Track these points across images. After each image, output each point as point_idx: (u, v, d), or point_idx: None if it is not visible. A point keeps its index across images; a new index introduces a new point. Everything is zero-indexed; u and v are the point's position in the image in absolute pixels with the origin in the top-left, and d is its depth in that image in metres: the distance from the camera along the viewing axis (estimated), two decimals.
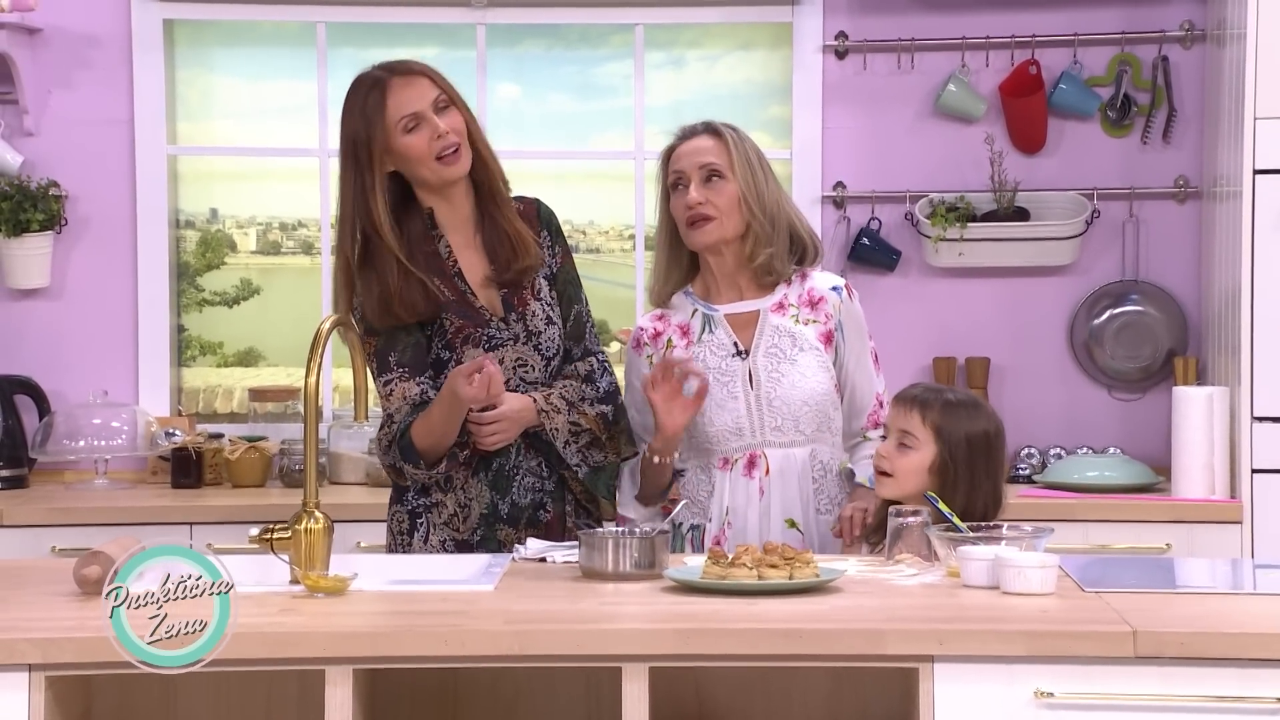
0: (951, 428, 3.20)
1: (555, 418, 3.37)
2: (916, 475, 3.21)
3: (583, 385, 3.42)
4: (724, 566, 2.84)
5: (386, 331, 3.33)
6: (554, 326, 3.42)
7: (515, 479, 3.40)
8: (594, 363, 3.46)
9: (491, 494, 3.39)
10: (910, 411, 3.24)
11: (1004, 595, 2.78)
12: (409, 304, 3.31)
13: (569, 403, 3.39)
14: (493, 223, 3.39)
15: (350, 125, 3.31)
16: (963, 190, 4.84)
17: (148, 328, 4.93)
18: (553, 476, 3.42)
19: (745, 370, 3.47)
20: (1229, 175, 4.45)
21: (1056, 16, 4.86)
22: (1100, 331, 4.90)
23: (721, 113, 4.93)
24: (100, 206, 4.91)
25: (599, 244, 5.14)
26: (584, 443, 3.41)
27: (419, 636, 2.55)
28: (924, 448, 3.22)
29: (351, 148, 3.31)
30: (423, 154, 3.28)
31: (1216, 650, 2.51)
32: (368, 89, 3.29)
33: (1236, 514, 4.29)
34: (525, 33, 5.04)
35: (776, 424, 3.46)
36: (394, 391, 3.33)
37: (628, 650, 2.54)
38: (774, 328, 3.49)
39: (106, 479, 4.73)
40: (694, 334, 3.51)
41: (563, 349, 3.44)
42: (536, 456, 3.40)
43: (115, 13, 4.88)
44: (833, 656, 2.56)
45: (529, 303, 3.40)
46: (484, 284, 3.40)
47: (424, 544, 3.38)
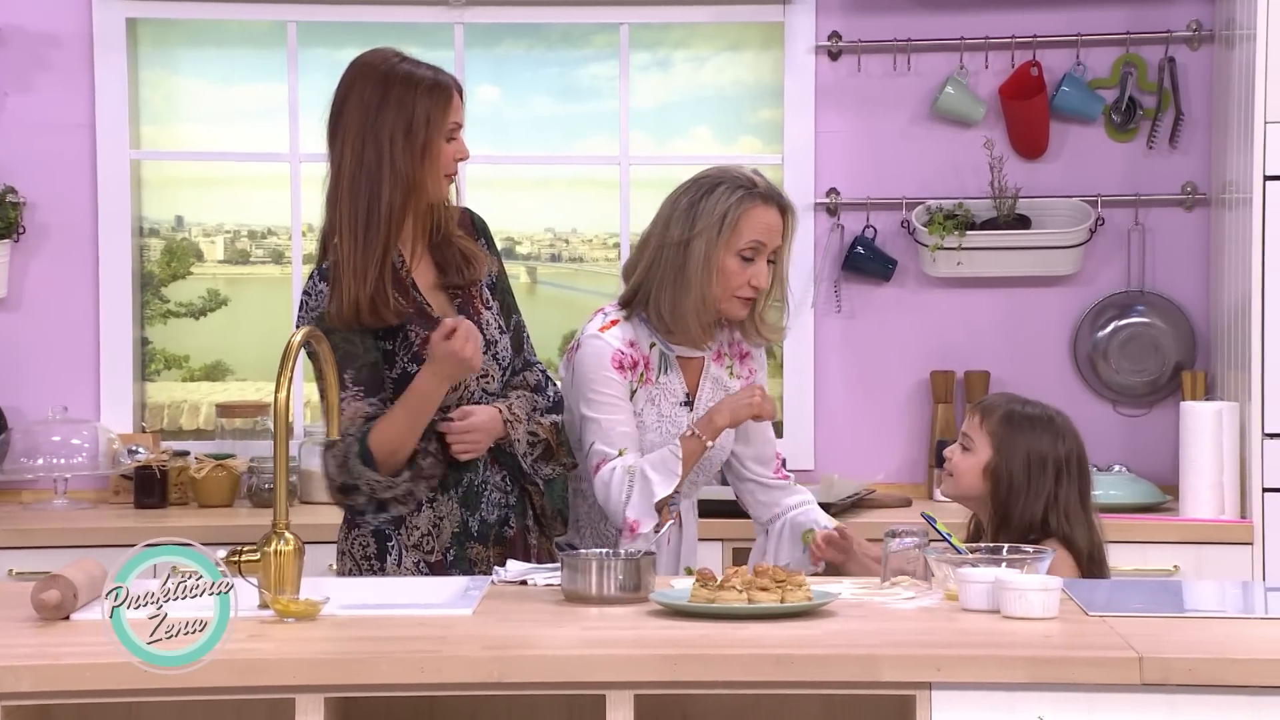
0: (1009, 437, 3.31)
1: (518, 428, 3.39)
2: (970, 476, 3.33)
3: (534, 395, 3.45)
4: (712, 589, 2.82)
5: (341, 346, 3.27)
6: (505, 336, 3.45)
7: (484, 494, 3.40)
8: (540, 373, 3.49)
9: (462, 511, 3.37)
10: (974, 415, 3.38)
11: (1004, 619, 2.76)
12: (392, 305, 3.30)
13: (526, 413, 3.41)
14: (446, 240, 3.41)
15: (403, 110, 3.30)
16: (961, 197, 4.83)
17: (110, 340, 4.89)
18: (514, 491, 3.42)
19: (689, 422, 3.50)
20: (1238, 181, 4.44)
21: (1058, 16, 4.87)
22: (1105, 344, 4.88)
23: (710, 116, 4.99)
24: (60, 214, 4.87)
25: (582, 253, 5.16)
26: (538, 454, 3.42)
27: (394, 663, 2.52)
28: (980, 451, 3.33)
29: (406, 131, 3.30)
30: (446, 166, 3.34)
31: (1226, 677, 2.50)
32: (430, 85, 3.33)
33: (1247, 535, 4.28)
34: (505, 33, 5.05)
35: (696, 478, 3.55)
36: (345, 410, 3.29)
37: (612, 677, 2.52)
38: (714, 379, 3.56)
39: (66, 499, 4.68)
40: (653, 370, 3.51)
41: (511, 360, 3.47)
42: (500, 470, 3.41)
43: (76, 12, 4.86)
44: (826, 684, 2.54)
45: (481, 312, 3.41)
46: (433, 289, 3.39)
47: (397, 567, 3.35)
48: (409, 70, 3.34)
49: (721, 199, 3.41)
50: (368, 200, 3.28)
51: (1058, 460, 3.29)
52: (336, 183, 3.32)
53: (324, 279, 3.32)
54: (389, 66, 3.34)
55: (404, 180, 3.29)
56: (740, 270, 3.41)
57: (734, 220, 3.41)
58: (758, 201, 3.43)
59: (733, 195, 3.42)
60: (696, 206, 3.42)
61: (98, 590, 2.90)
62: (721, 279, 3.41)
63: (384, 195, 3.28)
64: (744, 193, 3.42)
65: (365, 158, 3.29)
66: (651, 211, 3.56)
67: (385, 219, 3.28)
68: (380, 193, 3.28)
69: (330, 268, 3.32)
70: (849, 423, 4.85)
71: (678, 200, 3.46)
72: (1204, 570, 4.22)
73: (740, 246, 3.41)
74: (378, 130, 3.29)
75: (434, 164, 3.32)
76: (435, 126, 3.30)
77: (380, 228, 3.28)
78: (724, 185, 3.43)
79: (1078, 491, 3.30)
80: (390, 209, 3.28)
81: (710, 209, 3.41)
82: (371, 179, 3.28)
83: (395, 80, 3.32)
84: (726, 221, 3.40)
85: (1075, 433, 3.35)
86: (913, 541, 3.06)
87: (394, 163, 3.28)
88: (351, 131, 3.31)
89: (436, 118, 3.30)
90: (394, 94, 3.31)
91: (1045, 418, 3.34)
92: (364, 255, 3.28)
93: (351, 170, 3.29)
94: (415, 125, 3.29)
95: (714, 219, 3.41)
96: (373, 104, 3.30)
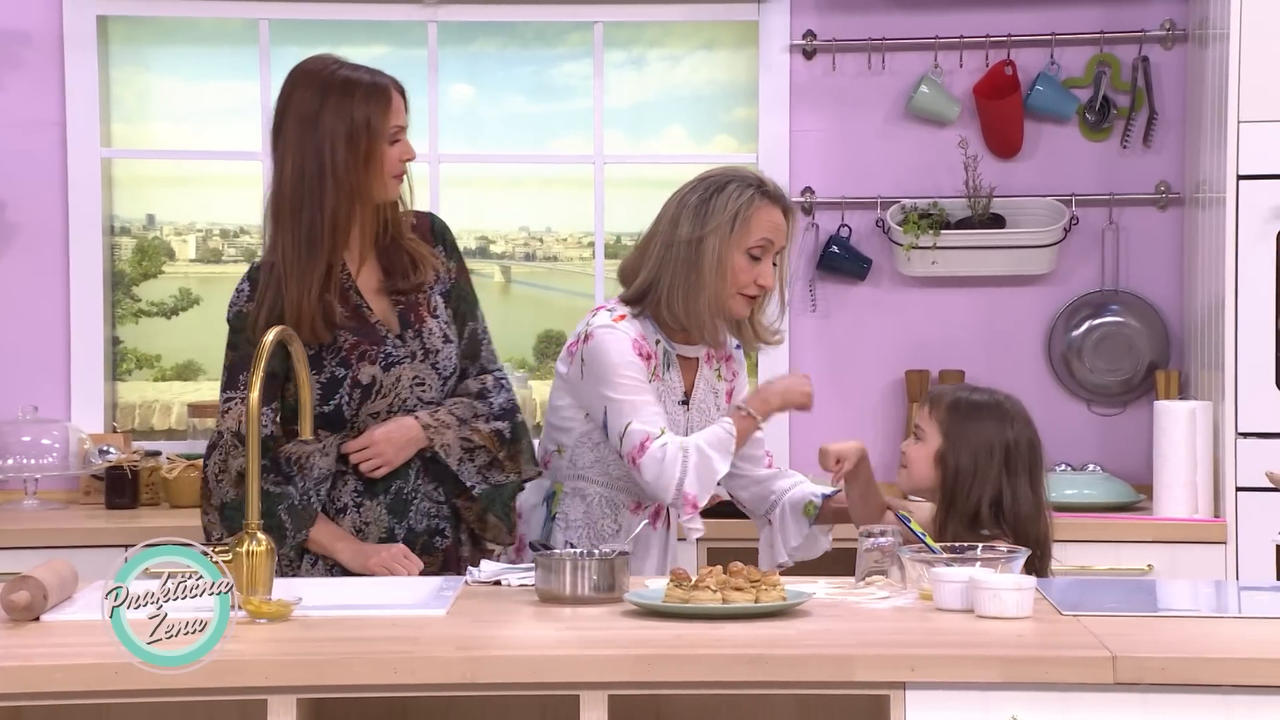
0: (956, 424, 3.31)
1: (444, 433, 3.35)
2: (922, 465, 3.34)
3: (474, 402, 3.41)
4: (687, 589, 2.82)
5: (244, 348, 3.27)
6: (451, 345, 3.41)
7: (413, 503, 3.37)
8: (488, 380, 3.45)
9: (389, 518, 3.35)
10: (923, 405, 3.40)
11: (979, 619, 2.76)
12: (329, 319, 3.27)
13: (459, 419, 3.38)
14: (394, 242, 3.39)
15: (342, 118, 3.27)
16: (936, 196, 4.83)
17: (80, 340, 4.87)
18: (448, 503, 3.40)
19: (686, 422, 3.53)
20: (1212, 181, 4.44)
21: (1033, 15, 4.87)
22: (1079, 343, 4.88)
23: (684, 115, 4.98)
24: (30, 213, 4.84)
25: (556, 252, 5.13)
26: (481, 462, 3.39)
27: (367, 664, 2.51)
28: (930, 440, 3.34)
29: (347, 139, 3.26)
30: (392, 168, 3.31)
31: (1199, 676, 2.50)
32: (368, 90, 3.29)
33: (1220, 534, 4.27)
34: (478, 31, 5.02)
35: None
36: (231, 410, 3.29)
37: (586, 678, 2.52)
38: (706, 380, 3.58)
39: (36, 499, 4.65)
40: (659, 367, 3.51)
41: (459, 368, 3.43)
42: (433, 481, 3.38)
43: (46, 8, 4.82)
44: (800, 684, 2.54)
45: (425, 320, 3.38)
46: (377, 296, 3.36)
47: (312, 568, 3.34)
48: (346, 76, 3.30)
49: (733, 197, 3.44)
50: (310, 213, 3.25)
51: (1006, 445, 3.28)
52: (278, 196, 3.29)
53: (248, 278, 3.31)
54: (326, 74, 3.30)
55: (348, 188, 3.25)
56: (748, 268, 3.44)
57: (745, 218, 3.43)
58: (767, 201, 3.46)
59: (743, 194, 3.44)
60: (707, 204, 3.44)
61: (68, 591, 2.89)
62: (731, 276, 3.43)
63: (327, 206, 3.25)
64: (754, 191, 3.45)
65: (307, 169, 3.25)
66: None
67: (329, 231, 3.25)
68: (323, 204, 3.25)
69: (259, 269, 3.29)
70: (823, 422, 4.82)
71: (685, 199, 3.46)
72: (1178, 569, 4.22)
73: (750, 244, 3.43)
74: (318, 140, 3.25)
75: (379, 169, 3.29)
76: (376, 131, 3.27)
77: (324, 240, 3.25)
78: (734, 184, 3.45)
79: (1028, 479, 3.29)
80: (334, 220, 3.25)
81: (721, 207, 3.43)
82: (313, 191, 3.25)
83: (333, 87, 3.28)
84: (739, 219, 3.43)
85: (1026, 418, 3.34)
86: (887, 541, 3.06)
87: (336, 172, 3.24)
88: (292, 143, 3.27)
89: (377, 122, 3.27)
90: (332, 101, 3.27)
91: (993, 403, 3.34)
92: (308, 269, 3.25)
93: (293, 183, 3.26)
94: (356, 132, 3.26)
95: (726, 217, 3.43)
96: (311, 113, 3.26)
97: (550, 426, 3.56)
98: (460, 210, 4.99)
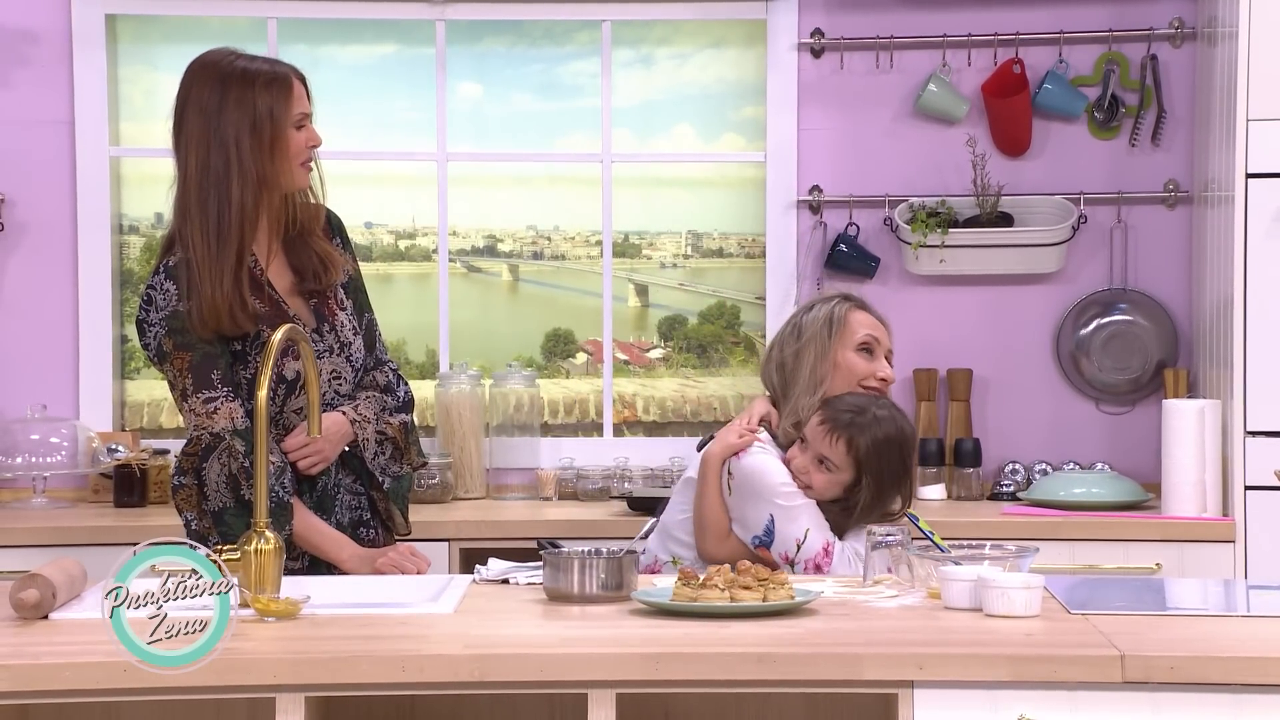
0: (871, 462, 3.42)
1: (366, 428, 3.41)
2: (832, 490, 3.44)
3: (384, 395, 3.46)
4: (695, 588, 2.82)
5: (200, 348, 3.27)
6: (359, 337, 3.44)
7: (337, 497, 3.41)
8: (390, 372, 3.51)
9: (318, 514, 3.36)
10: (836, 438, 3.46)
11: (987, 618, 2.77)
12: (251, 311, 3.27)
13: (375, 413, 3.43)
14: (303, 240, 3.39)
15: (244, 109, 3.27)
16: (944, 195, 4.82)
17: (89, 338, 4.87)
18: (366, 494, 3.45)
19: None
20: (1221, 179, 4.43)
21: (1041, 14, 4.86)
22: (1087, 342, 4.87)
23: (692, 113, 4.99)
24: (39, 211, 4.85)
25: (564, 250, 5.12)
26: (387, 454, 3.45)
27: (375, 662, 2.51)
28: (843, 472, 3.44)
29: (251, 129, 3.27)
30: (299, 155, 3.32)
31: (1208, 675, 2.50)
32: (268, 79, 3.30)
33: (1229, 533, 4.26)
34: (487, 29, 5.03)
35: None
36: (219, 409, 3.27)
37: (594, 676, 2.51)
38: None
39: (45, 498, 4.65)
40: None
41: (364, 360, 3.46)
42: (350, 473, 3.43)
43: (54, 7, 4.84)
44: (808, 682, 2.53)
45: (336, 313, 3.42)
46: (291, 293, 3.38)
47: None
48: (244, 66, 3.30)
49: (821, 309, 3.60)
50: (218, 206, 3.25)
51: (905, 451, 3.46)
52: (184, 190, 3.28)
53: (170, 278, 3.27)
54: (225, 65, 3.30)
55: (254, 179, 3.26)
56: (865, 363, 3.56)
57: (841, 318, 3.57)
58: (857, 305, 3.63)
59: (830, 304, 3.60)
60: (799, 322, 3.60)
61: (76, 589, 2.89)
62: (846, 374, 3.53)
63: (234, 198, 3.25)
64: (840, 298, 3.61)
65: (211, 162, 3.25)
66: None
67: (238, 222, 3.25)
68: (230, 196, 3.25)
69: (177, 267, 3.27)
70: None
71: (781, 330, 3.63)
72: (1186, 568, 4.21)
73: (856, 342, 3.55)
74: (222, 133, 3.25)
75: (285, 156, 3.30)
76: (280, 119, 3.28)
77: (233, 231, 3.25)
78: (819, 302, 3.62)
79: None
80: (242, 211, 3.25)
81: (813, 320, 3.58)
82: (220, 184, 3.25)
83: (232, 79, 3.28)
84: (835, 319, 3.56)
85: (900, 414, 3.49)
86: (895, 540, 3.06)
87: (242, 163, 3.25)
88: (194, 137, 3.27)
89: (280, 110, 3.28)
90: (233, 93, 3.27)
91: (896, 430, 3.44)
92: (219, 261, 3.25)
93: (199, 177, 3.26)
94: (260, 121, 3.27)
95: (819, 325, 3.56)
96: (212, 107, 3.26)
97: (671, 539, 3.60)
98: (468, 209, 5.00)
